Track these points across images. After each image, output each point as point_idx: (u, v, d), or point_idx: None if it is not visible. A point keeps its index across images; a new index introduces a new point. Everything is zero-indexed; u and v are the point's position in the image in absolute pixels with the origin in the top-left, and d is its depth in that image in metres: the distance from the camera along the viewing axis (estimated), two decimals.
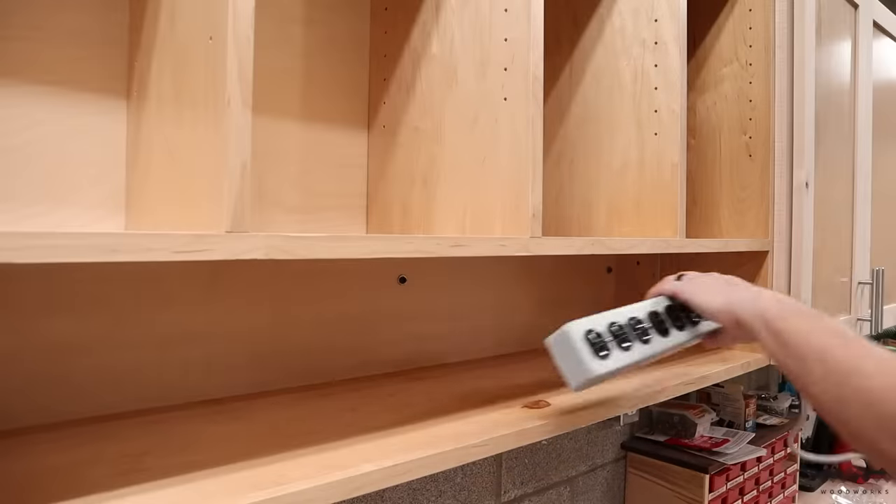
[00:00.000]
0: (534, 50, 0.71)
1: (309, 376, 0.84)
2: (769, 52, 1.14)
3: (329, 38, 0.87)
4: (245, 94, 0.49)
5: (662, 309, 0.75)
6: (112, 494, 0.48)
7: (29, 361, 0.63)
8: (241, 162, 0.49)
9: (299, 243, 0.50)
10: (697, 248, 0.96)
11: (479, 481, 1.08)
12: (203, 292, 0.74)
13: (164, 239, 0.43)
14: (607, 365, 0.65)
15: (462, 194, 0.77)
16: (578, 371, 0.65)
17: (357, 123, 0.90)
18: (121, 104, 0.68)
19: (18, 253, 0.37)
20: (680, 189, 0.95)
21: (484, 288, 1.05)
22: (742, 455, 1.30)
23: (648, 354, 0.70)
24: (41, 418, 0.64)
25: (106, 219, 0.68)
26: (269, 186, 0.81)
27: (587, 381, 0.65)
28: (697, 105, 1.24)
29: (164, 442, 0.60)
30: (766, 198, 1.14)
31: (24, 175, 0.63)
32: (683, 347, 0.77)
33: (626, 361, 0.67)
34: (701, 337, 0.77)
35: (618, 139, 1.01)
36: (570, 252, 0.76)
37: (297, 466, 0.55)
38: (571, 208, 1.07)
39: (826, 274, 1.27)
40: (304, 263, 0.83)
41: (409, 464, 0.57)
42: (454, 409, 0.74)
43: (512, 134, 0.72)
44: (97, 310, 0.67)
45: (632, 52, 1.00)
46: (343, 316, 0.87)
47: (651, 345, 0.71)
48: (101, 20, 0.67)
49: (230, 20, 0.49)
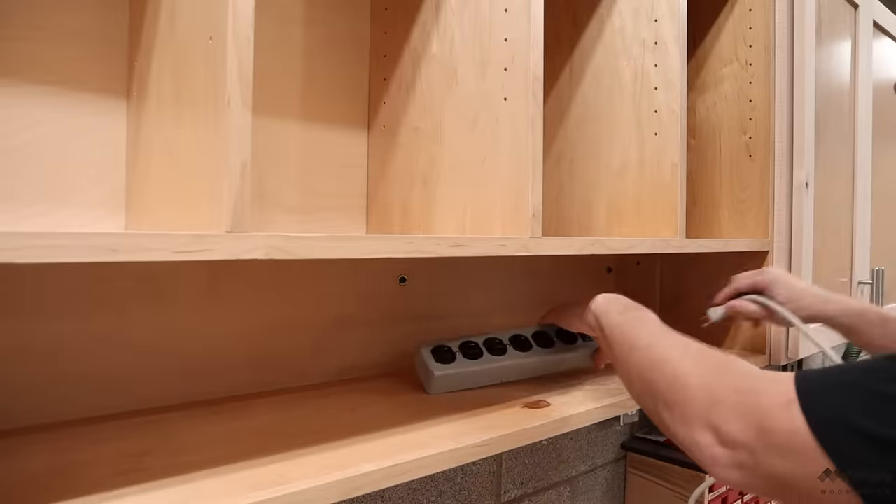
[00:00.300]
0: (534, 50, 0.71)
1: (309, 376, 0.84)
2: (769, 52, 1.14)
3: (329, 38, 0.87)
4: (245, 94, 0.49)
5: (553, 331, 0.92)
6: (112, 494, 0.48)
7: (28, 361, 0.63)
8: (241, 162, 0.49)
9: (299, 243, 0.50)
10: (697, 248, 0.96)
11: (479, 481, 1.08)
12: (203, 292, 0.74)
13: (164, 239, 0.43)
14: (446, 369, 0.79)
15: (462, 194, 0.77)
16: (426, 376, 0.80)
17: (357, 123, 0.90)
18: (121, 104, 0.68)
19: (18, 253, 0.37)
20: (680, 189, 0.95)
21: (484, 288, 1.05)
22: None
23: (506, 364, 0.85)
24: (41, 418, 0.64)
25: (106, 219, 0.68)
26: (269, 186, 0.81)
27: (435, 383, 0.79)
28: (697, 105, 1.24)
29: (164, 442, 0.60)
30: (766, 198, 1.14)
31: (24, 175, 0.63)
32: (583, 359, 0.93)
33: (471, 368, 0.82)
34: (592, 349, 0.93)
35: (618, 139, 1.01)
36: (570, 252, 0.76)
37: (297, 466, 0.55)
38: (571, 208, 1.07)
39: (826, 274, 1.27)
40: (304, 263, 0.83)
41: (409, 464, 0.57)
42: (454, 409, 0.74)
43: (512, 134, 0.72)
44: (97, 310, 0.67)
45: (632, 52, 1.00)
46: (343, 316, 0.87)
47: (506, 356, 0.85)
48: (101, 20, 0.67)
49: (230, 20, 0.49)
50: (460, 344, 0.83)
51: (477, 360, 0.83)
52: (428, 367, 0.79)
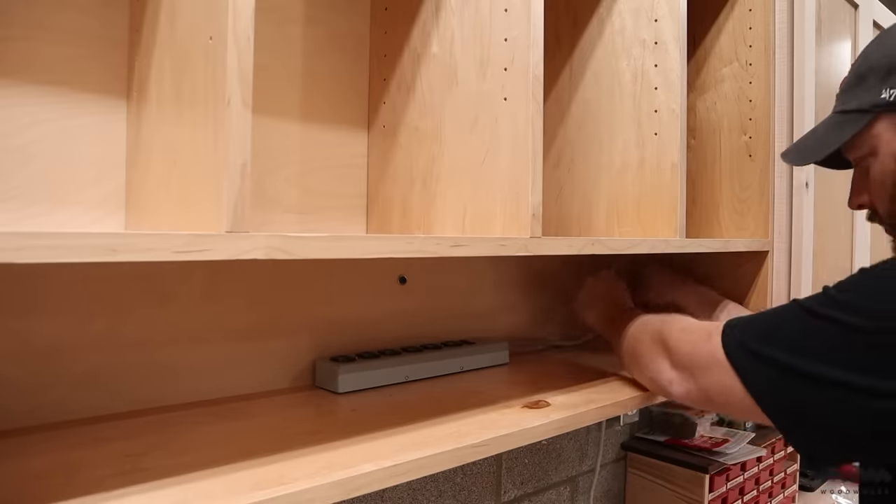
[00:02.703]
0: (534, 50, 0.71)
1: (309, 376, 0.84)
2: (769, 52, 1.14)
3: (329, 38, 0.86)
4: (245, 94, 0.49)
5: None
6: (112, 494, 0.48)
7: (28, 361, 0.63)
8: (241, 162, 0.49)
9: (299, 243, 0.50)
10: (697, 248, 0.96)
11: (479, 481, 1.08)
12: (203, 292, 0.74)
13: (164, 239, 0.43)
14: (347, 367, 0.81)
15: (462, 194, 0.77)
16: (329, 378, 0.81)
17: (357, 123, 0.90)
18: (121, 104, 0.68)
19: (18, 253, 0.37)
20: (680, 189, 0.95)
21: (484, 288, 1.05)
22: (742, 455, 1.30)
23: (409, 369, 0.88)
24: (41, 418, 0.64)
25: (106, 219, 0.68)
26: (269, 186, 0.81)
27: (339, 380, 0.80)
28: (697, 105, 1.24)
29: (164, 442, 0.60)
30: (766, 198, 1.14)
31: (24, 175, 0.63)
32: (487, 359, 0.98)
33: (372, 367, 0.83)
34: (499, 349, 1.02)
35: (618, 139, 1.01)
36: (570, 252, 0.76)
37: (297, 466, 0.55)
38: (571, 208, 1.07)
39: (826, 274, 1.27)
40: (304, 263, 0.83)
41: (409, 464, 0.57)
42: (454, 409, 0.74)
43: (512, 134, 0.72)
44: (97, 310, 0.67)
45: (632, 52, 1.00)
46: (343, 316, 0.87)
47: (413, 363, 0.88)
48: (101, 20, 0.67)
49: (230, 20, 0.49)
50: (358, 354, 0.86)
51: (376, 359, 0.85)
52: (332, 369, 0.81)
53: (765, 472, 1.40)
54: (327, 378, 0.81)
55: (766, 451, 1.37)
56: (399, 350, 0.90)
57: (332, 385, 0.80)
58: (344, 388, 0.80)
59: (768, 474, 1.42)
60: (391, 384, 0.84)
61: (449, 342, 0.97)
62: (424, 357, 0.89)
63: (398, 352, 0.89)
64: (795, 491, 1.54)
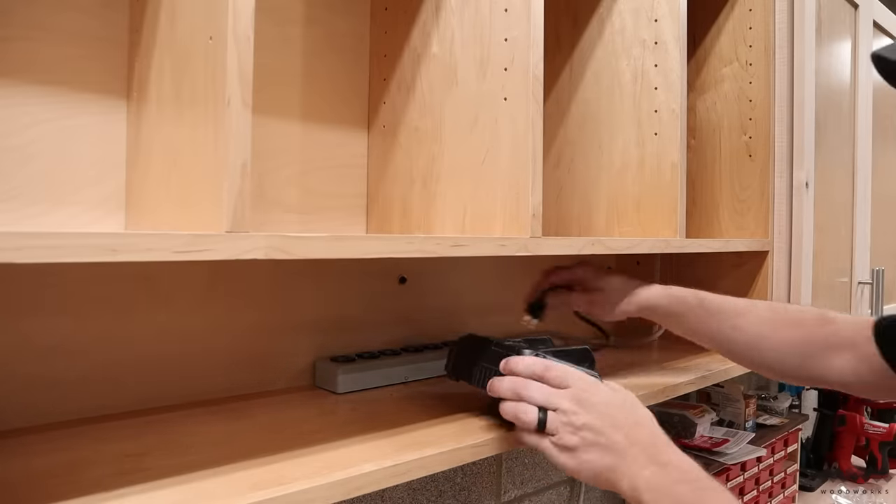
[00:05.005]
0: (534, 50, 0.71)
1: (309, 376, 0.84)
2: (769, 52, 1.14)
3: (329, 38, 0.86)
4: (245, 94, 0.49)
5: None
6: (112, 494, 0.48)
7: (28, 361, 0.63)
8: (241, 162, 0.49)
9: (299, 243, 0.50)
10: (697, 248, 0.97)
11: (479, 481, 1.08)
12: (203, 292, 0.74)
13: (164, 239, 0.43)
14: (347, 367, 0.81)
15: (462, 194, 0.77)
16: (329, 378, 0.81)
17: (357, 123, 0.90)
18: (121, 104, 0.68)
19: (18, 253, 0.37)
20: (680, 189, 0.95)
21: (484, 288, 1.05)
22: (742, 455, 1.30)
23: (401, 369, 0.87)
24: (41, 418, 0.64)
25: (106, 219, 0.68)
26: (269, 186, 0.81)
27: (339, 380, 0.80)
28: (697, 105, 1.24)
29: (164, 442, 0.60)
30: (766, 198, 1.14)
31: (24, 175, 0.63)
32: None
33: (371, 367, 0.83)
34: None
35: (618, 139, 1.01)
36: (571, 252, 0.76)
37: (297, 466, 0.55)
38: (571, 208, 1.07)
39: (826, 274, 1.27)
40: (304, 263, 0.83)
41: (409, 464, 0.57)
42: (454, 409, 0.74)
43: (512, 134, 0.72)
44: (97, 310, 0.67)
45: (632, 52, 1.00)
46: (343, 316, 0.87)
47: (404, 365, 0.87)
48: (101, 20, 0.67)
49: (230, 20, 0.49)
50: (357, 354, 0.86)
51: (376, 359, 0.85)
52: (331, 368, 0.81)
53: (765, 472, 1.40)
54: (327, 378, 0.81)
55: (766, 451, 1.37)
56: (399, 350, 0.90)
57: (331, 385, 0.80)
58: (344, 388, 0.80)
59: (768, 474, 1.42)
60: (391, 384, 0.84)
61: (449, 342, 0.97)
62: (424, 357, 0.89)
63: (398, 352, 0.89)
64: (795, 491, 1.54)
